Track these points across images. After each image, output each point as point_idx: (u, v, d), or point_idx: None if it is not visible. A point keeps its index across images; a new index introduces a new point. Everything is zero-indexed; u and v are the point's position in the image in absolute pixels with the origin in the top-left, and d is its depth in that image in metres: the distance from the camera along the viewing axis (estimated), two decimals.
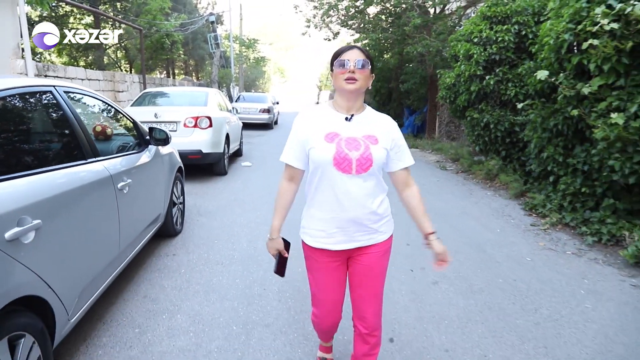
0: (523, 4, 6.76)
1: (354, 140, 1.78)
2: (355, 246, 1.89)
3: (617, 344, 2.81)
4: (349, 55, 1.75)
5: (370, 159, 1.76)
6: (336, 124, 1.81)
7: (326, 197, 1.82)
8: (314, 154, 1.79)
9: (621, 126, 3.94)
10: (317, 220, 1.88)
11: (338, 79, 1.76)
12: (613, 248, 4.39)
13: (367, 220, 1.84)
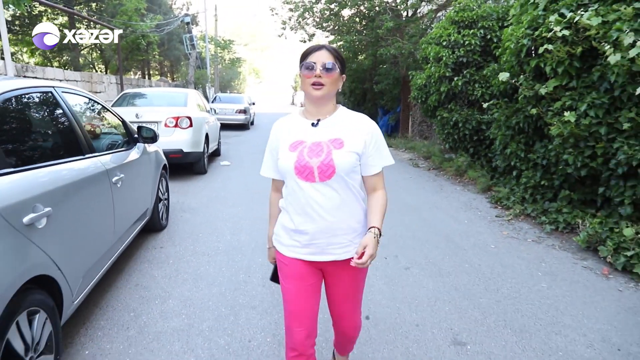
0: (488, 10, 7.21)
1: (318, 145, 1.68)
2: (330, 259, 1.76)
3: (566, 315, 3.17)
4: (316, 57, 1.64)
5: (331, 165, 1.64)
6: (303, 131, 1.73)
7: (295, 207, 1.73)
8: (279, 165, 1.74)
9: (573, 123, 4.35)
10: (290, 231, 1.77)
11: (305, 83, 1.66)
12: (568, 235, 4.81)
13: (338, 231, 1.72)
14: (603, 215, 4.40)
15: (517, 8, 5.47)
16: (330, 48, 1.69)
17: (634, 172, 4.02)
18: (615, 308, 3.30)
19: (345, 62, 1.75)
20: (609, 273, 3.90)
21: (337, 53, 1.69)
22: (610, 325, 3.05)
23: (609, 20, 3.99)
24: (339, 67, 1.67)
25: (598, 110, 4.23)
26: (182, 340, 2.76)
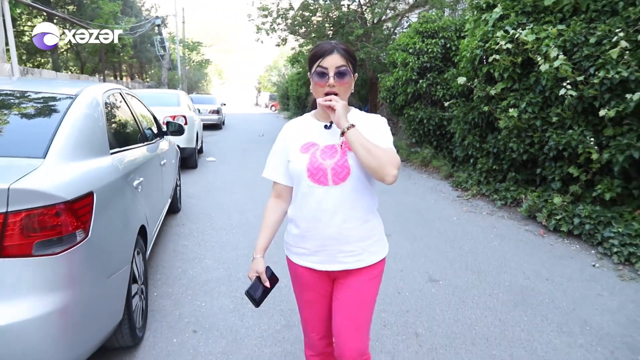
0: (447, 22, 8.32)
1: (331, 147, 1.61)
2: (341, 268, 1.67)
3: (511, 262, 4.22)
4: (328, 62, 1.52)
5: (346, 167, 1.57)
6: (315, 133, 1.66)
7: (305, 212, 1.65)
8: (290, 167, 1.66)
9: (516, 118, 5.44)
10: (299, 238, 1.69)
11: (317, 91, 1.58)
12: (514, 208, 5.93)
13: (351, 238, 1.63)
14: (540, 190, 5.52)
15: (472, 23, 6.57)
16: (341, 49, 1.55)
17: (561, 155, 5.15)
18: (547, 256, 4.38)
19: (356, 59, 1.64)
20: (544, 233, 5.01)
21: (349, 53, 1.57)
22: (542, 266, 4.11)
23: (540, 37, 5.10)
24: (351, 68, 1.57)
25: (534, 107, 5.35)
26: (225, 284, 3.61)
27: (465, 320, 3.13)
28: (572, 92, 4.65)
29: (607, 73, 4.33)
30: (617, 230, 4.29)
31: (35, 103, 2.55)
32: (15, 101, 2.55)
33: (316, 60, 1.55)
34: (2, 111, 2.41)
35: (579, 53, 4.75)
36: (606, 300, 3.47)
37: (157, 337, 2.80)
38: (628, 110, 4.25)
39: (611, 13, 4.64)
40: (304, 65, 17.99)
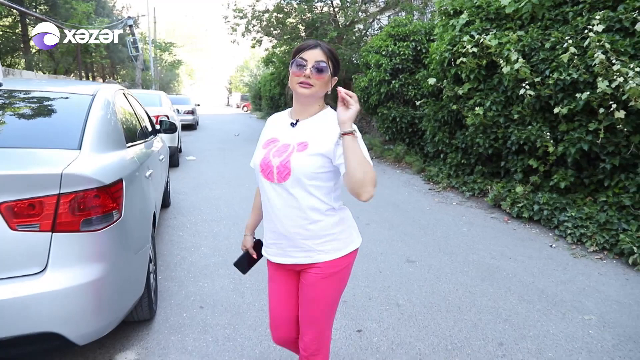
0: (418, 26, 8.83)
1: (286, 146, 1.63)
2: (291, 262, 1.71)
3: (479, 245, 4.70)
4: (309, 55, 1.55)
5: (287, 167, 1.59)
6: (281, 129, 1.71)
7: (262, 204, 1.75)
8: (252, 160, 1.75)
9: (482, 116, 5.95)
10: (264, 229, 1.79)
11: (292, 80, 1.60)
12: (481, 198, 6.45)
13: (297, 235, 1.65)
14: (504, 182, 6.06)
15: (440, 28, 7.07)
16: (325, 47, 1.59)
17: (522, 149, 5.68)
18: (510, 239, 4.89)
19: (339, 63, 1.67)
20: (508, 220, 5.53)
21: (332, 53, 1.61)
22: (506, 248, 4.60)
23: (502, 42, 5.61)
24: (331, 68, 1.59)
25: (498, 105, 5.87)
26: (223, 268, 3.93)
27: (440, 293, 3.56)
28: (530, 91, 5.18)
29: (560, 75, 4.87)
30: (570, 215, 4.84)
31: (59, 101, 2.83)
32: (40, 100, 2.82)
33: (298, 53, 1.60)
34: (32, 109, 2.68)
35: (536, 57, 5.29)
36: (560, 274, 3.97)
37: (169, 313, 3.11)
38: (578, 108, 4.79)
39: (563, 22, 5.19)
40: (278, 65, 18.31)
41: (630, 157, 4.52)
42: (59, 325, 2.03)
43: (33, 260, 1.98)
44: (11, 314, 1.92)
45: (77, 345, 2.11)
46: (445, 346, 2.80)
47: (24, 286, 1.95)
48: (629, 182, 4.53)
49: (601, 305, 3.37)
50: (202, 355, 2.63)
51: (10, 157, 2.16)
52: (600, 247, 4.39)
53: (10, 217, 1.92)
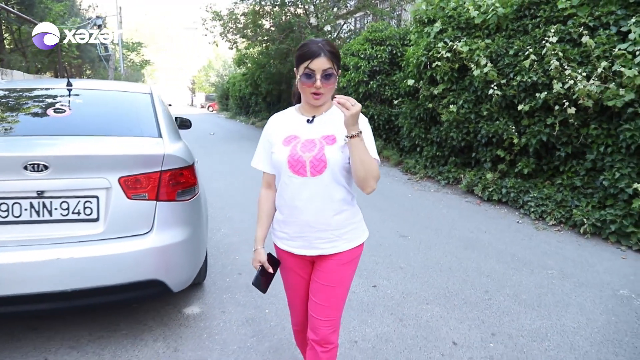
0: (393, 32, 9.64)
1: (311, 142, 1.71)
2: (317, 253, 1.78)
3: (458, 223, 5.50)
4: (316, 65, 1.60)
5: (323, 160, 1.67)
6: (297, 126, 1.76)
7: (286, 200, 1.77)
8: (273, 158, 1.77)
9: (455, 113, 6.78)
10: (282, 223, 1.82)
11: (304, 90, 1.68)
12: (456, 185, 7.30)
13: (326, 225, 1.74)
14: (475, 170, 6.92)
15: (415, 35, 7.88)
16: (328, 51, 1.63)
17: (490, 141, 6.55)
18: (484, 218, 5.72)
19: (340, 57, 1.72)
20: (480, 203, 6.38)
21: (334, 54, 1.65)
22: (481, 224, 5.42)
23: (472, 48, 6.46)
24: (336, 70, 1.66)
25: (469, 104, 6.72)
26: (245, 245, 4.52)
27: (432, 258, 4.31)
28: (497, 92, 6.04)
29: (522, 78, 5.75)
30: (533, 196, 5.71)
31: (125, 98, 3.38)
32: (110, 97, 3.36)
33: (304, 61, 1.63)
34: (108, 104, 3.22)
35: (502, 62, 6.16)
36: (527, 242, 4.81)
37: (214, 279, 3.70)
38: (537, 105, 5.67)
39: (523, 32, 6.08)
40: (250, 67, 18.81)
41: (580, 146, 5.43)
42: (162, 274, 2.61)
43: (143, 222, 2.56)
44: (129, 265, 2.49)
45: (172, 291, 2.70)
46: (444, 294, 3.53)
47: (137, 243, 2.53)
48: (579, 167, 5.44)
49: (560, 263, 4.21)
50: (254, 306, 3.25)
51: (115, 143, 2.72)
52: (557, 221, 5.28)
53: (127, 188, 2.50)
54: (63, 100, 3.13)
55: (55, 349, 2.63)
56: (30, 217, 2.33)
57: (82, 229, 2.42)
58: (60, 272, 2.33)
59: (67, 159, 2.39)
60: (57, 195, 2.37)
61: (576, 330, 3.01)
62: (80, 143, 2.62)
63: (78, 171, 2.41)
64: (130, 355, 2.60)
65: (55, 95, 3.24)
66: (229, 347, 2.73)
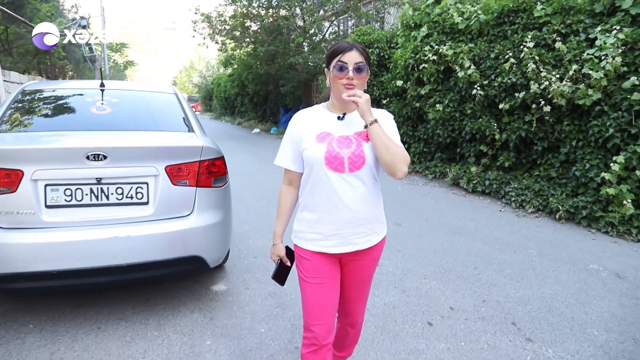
0: (380, 35, 10.14)
1: (346, 138, 1.73)
2: (353, 249, 1.80)
3: (446, 212, 6.00)
4: (348, 58, 1.66)
5: (362, 156, 1.70)
6: (328, 123, 1.77)
7: (320, 198, 1.76)
8: (306, 155, 1.75)
9: (441, 111, 7.30)
10: (313, 224, 1.80)
11: (336, 83, 1.70)
12: (442, 179, 7.83)
13: (363, 220, 1.77)
14: (460, 164, 7.45)
15: (403, 38, 8.39)
16: (360, 47, 1.70)
17: (474, 137, 7.09)
18: (469, 208, 6.24)
19: (370, 58, 1.77)
20: (466, 194, 6.91)
21: (365, 52, 1.71)
22: (467, 213, 5.93)
23: (457, 52, 6.98)
24: (368, 66, 1.71)
25: (454, 103, 7.25)
26: (255, 233, 4.93)
27: (425, 242, 4.79)
28: (480, 92, 6.57)
29: (503, 79, 6.29)
30: (513, 187, 6.26)
31: (153, 97, 3.76)
32: (140, 96, 3.74)
33: (336, 56, 1.69)
34: (141, 103, 3.60)
35: (484, 64, 6.69)
36: (509, 227, 5.33)
37: (233, 261, 4.10)
38: (516, 104, 6.21)
39: (503, 37, 6.62)
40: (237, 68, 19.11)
41: (554, 141, 5.99)
42: (202, 251, 3.01)
43: (185, 206, 2.96)
44: (174, 242, 2.89)
45: (209, 267, 3.11)
46: (439, 270, 4.01)
47: (181, 223, 2.92)
48: (554, 159, 6.00)
49: (539, 245, 4.73)
50: (274, 283, 3.58)
51: (159, 137, 3.12)
52: (536, 209, 5.83)
53: (172, 176, 2.89)
54: (101, 100, 3.48)
55: (105, 320, 3.01)
56: (90, 200, 2.71)
57: (135, 211, 2.81)
58: (119, 248, 2.71)
59: (123, 150, 2.78)
60: (113, 181, 2.75)
61: (553, 296, 3.52)
62: (131, 136, 3.02)
63: (131, 161, 2.80)
64: (173, 324, 2.99)
65: (92, 95, 3.59)
66: (258, 315, 3.15)
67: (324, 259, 1.84)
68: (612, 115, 5.09)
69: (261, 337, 2.86)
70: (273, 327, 2.99)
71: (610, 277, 3.89)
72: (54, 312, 3.09)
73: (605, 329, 3.03)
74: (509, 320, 3.13)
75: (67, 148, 2.68)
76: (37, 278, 2.60)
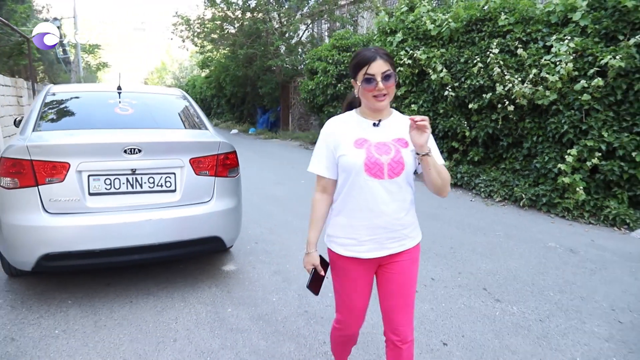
0: (357, 39, 10.73)
1: (384, 144, 1.73)
2: (387, 254, 1.80)
3: (420, 202, 6.57)
4: (374, 69, 1.66)
5: (401, 163, 1.71)
6: (364, 130, 1.77)
7: (357, 204, 1.76)
8: (344, 161, 1.74)
9: (416, 111, 7.92)
10: (348, 228, 1.80)
11: (366, 96, 1.71)
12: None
13: (398, 226, 1.78)
14: None
15: (379, 43, 8.98)
16: (384, 54, 1.70)
17: (447, 135, 7.73)
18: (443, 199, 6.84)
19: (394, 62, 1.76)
20: None
21: (388, 56, 1.71)
22: (441, 203, 6.53)
23: (430, 56, 7.61)
24: (394, 71, 1.70)
25: (428, 103, 7.88)
26: (253, 224, 5.38)
27: None
28: (451, 93, 7.22)
29: (472, 81, 6.94)
30: (482, 179, 6.92)
31: (167, 99, 4.20)
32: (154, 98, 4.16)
33: (361, 67, 1.68)
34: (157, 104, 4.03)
35: (454, 68, 7.34)
36: (479, 215, 5.97)
37: (237, 247, 4.54)
38: (484, 104, 6.88)
39: (472, 44, 7.28)
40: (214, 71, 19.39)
41: (518, 137, 6.67)
42: (220, 232, 3.48)
43: (206, 193, 3.42)
44: (198, 224, 3.35)
45: (226, 246, 3.58)
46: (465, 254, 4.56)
47: (203, 208, 3.38)
48: (518, 153, 6.69)
49: (505, 228, 5.37)
50: (276, 263, 4.15)
51: (182, 133, 3.58)
52: (502, 198, 6.50)
53: (195, 167, 3.35)
54: (121, 101, 3.87)
55: (134, 295, 3.43)
56: (127, 188, 3.15)
57: (165, 197, 3.26)
58: (151, 229, 3.15)
59: (155, 144, 3.23)
60: (146, 172, 3.19)
61: (517, 268, 4.13)
62: (160, 133, 3.46)
63: (162, 154, 3.25)
64: (195, 297, 3.44)
65: (113, 97, 3.96)
66: (268, 288, 3.63)
67: (357, 264, 1.84)
68: (566, 114, 5.79)
69: (274, 305, 3.34)
70: (282, 297, 3.48)
71: (565, 252, 4.55)
72: (87, 290, 3.48)
73: (559, 291, 3.65)
74: (480, 286, 3.72)
75: (108, 143, 3.10)
76: (84, 256, 3.01)
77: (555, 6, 6.15)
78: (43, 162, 2.89)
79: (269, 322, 3.08)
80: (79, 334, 2.85)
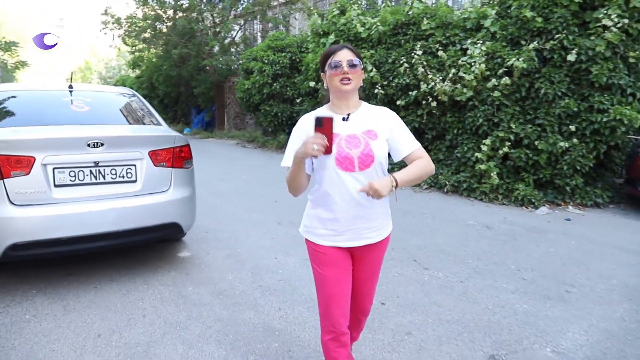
0: (291, 40, 11.13)
1: (354, 137, 1.77)
2: (365, 243, 1.87)
3: None
4: (341, 56, 1.75)
5: (371, 155, 1.76)
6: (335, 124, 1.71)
7: (333, 197, 1.80)
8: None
9: None
10: (326, 221, 1.85)
11: (333, 80, 1.77)
12: None
13: (374, 215, 1.85)
14: None
15: (313, 44, 9.45)
16: (349, 47, 1.81)
17: None
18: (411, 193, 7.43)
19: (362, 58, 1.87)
20: None
21: (355, 50, 1.81)
22: None
23: None
24: (360, 62, 1.80)
25: None
26: None
27: None
28: (381, 91, 7.82)
29: (399, 80, 7.58)
30: None
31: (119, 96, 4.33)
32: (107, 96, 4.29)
33: (329, 57, 1.79)
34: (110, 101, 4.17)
35: (383, 68, 7.96)
36: (409, 201, 6.57)
37: (190, 236, 4.72)
38: (410, 101, 7.54)
39: (398, 45, 7.94)
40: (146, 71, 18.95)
41: (441, 130, 7.40)
42: (178, 219, 3.72)
43: (164, 182, 3.64)
44: (158, 212, 3.57)
45: (184, 232, 3.83)
46: None
47: (161, 197, 3.60)
48: (441, 145, 7.42)
49: (432, 211, 6.01)
50: (228, 248, 4.42)
51: (140, 128, 3.77)
52: (429, 185, 7.19)
53: (154, 159, 3.57)
54: (75, 99, 3.94)
55: (98, 282, 3.56)
56: (90, 180, 3.31)
57: (126, 187, 3.45)
58: (115, 217, 3.33)
59: (116, 138, 3.42)
60: (108, 164, 3.37)
61: (443, 242, 4.72)
62: (120, 128, 3.65)
63: (122, 147, 3.44)
64: (157, 279, 3.65)
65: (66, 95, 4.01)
66: (223, 269, 3.91)
67: (337, 252, 1.89)
68: (481, 109, 6.56)
69: (230, 282, 3.65)
70: (237, 275, 3.79)
71: (483, 229, 5.23)
72: (49, 280, 3.56)
73: (477, 258, 4.27)
74: (411, 259, 4.24)
75: (72, 137, 3.25)
76: (51, 244, 3.14)
77: (469, 13, 6.93)
78: (7, 157, 3.00)
79: (228, 296, 3.39)
80: (49, 317, 2.99)
